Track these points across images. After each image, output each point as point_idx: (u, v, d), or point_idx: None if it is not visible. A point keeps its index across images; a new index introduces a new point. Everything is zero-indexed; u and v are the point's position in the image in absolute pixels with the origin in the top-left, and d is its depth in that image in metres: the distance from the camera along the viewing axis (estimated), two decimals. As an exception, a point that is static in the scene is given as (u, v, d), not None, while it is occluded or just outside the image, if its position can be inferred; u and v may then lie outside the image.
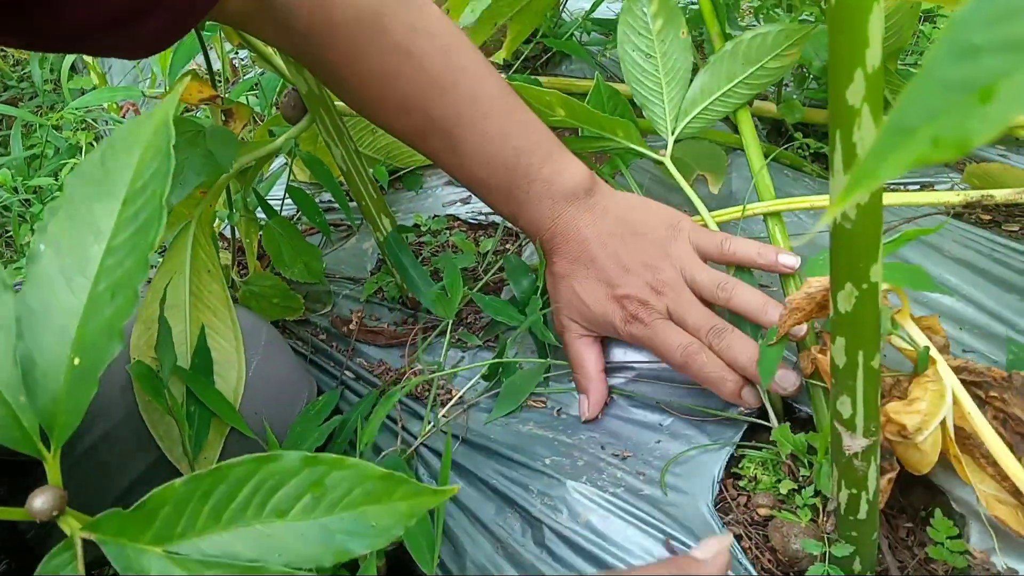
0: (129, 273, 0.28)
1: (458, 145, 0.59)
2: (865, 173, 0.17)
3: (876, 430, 0.41)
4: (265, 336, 0.65)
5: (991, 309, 0.61)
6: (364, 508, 0.26)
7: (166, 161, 0.29)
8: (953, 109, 0.16)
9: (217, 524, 0.26)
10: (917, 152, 0.16)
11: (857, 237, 0.36)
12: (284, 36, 0.58)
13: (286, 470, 0.26)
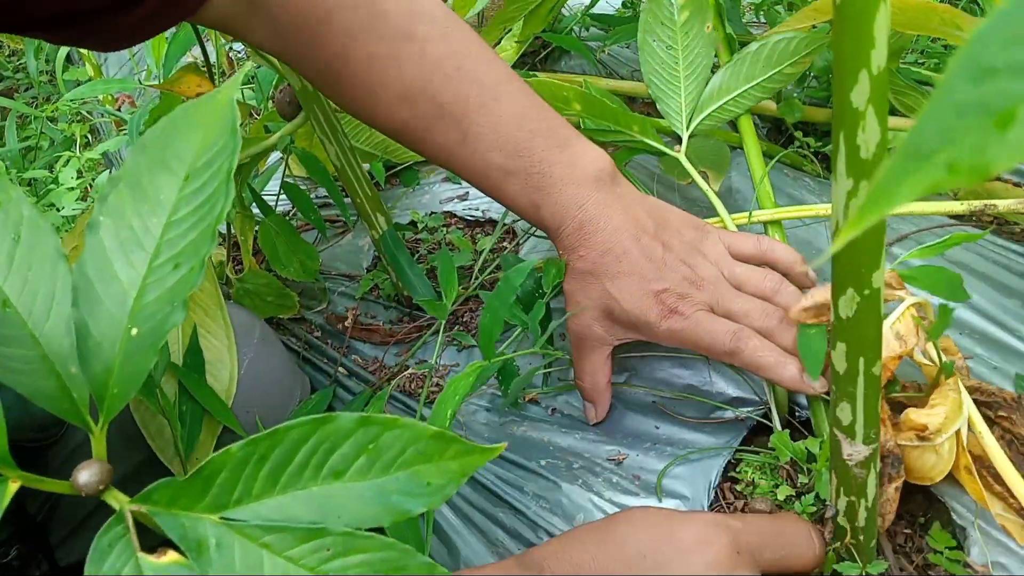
0: (195, 244, 0.28)
1: (469, 131, 0.55)
2: (879, 197, 0.16)
3: (876, 437, 0.41)
4: (258, 334, 0.64)
5: (991, 314, 0.61)
6: (417, 467, 0.26)
7: (232, 138, 0.29)
8: (969, 134, 0.15)
9: (274, 488, 0.26)
10: (932, 178, 0.16)
11: (859, 242, 0.36)
12: (275, 35, 0.56)
13: (341, 431, 0.26)
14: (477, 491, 0.57)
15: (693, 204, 0.76)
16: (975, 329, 0.60)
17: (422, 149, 0.58)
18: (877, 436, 0.41)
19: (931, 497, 0.51)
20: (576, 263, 0.56)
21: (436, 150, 0.57)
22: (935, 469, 0.49)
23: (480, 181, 0.58)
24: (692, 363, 0.60)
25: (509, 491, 0.55)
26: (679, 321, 0.53)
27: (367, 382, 0.70)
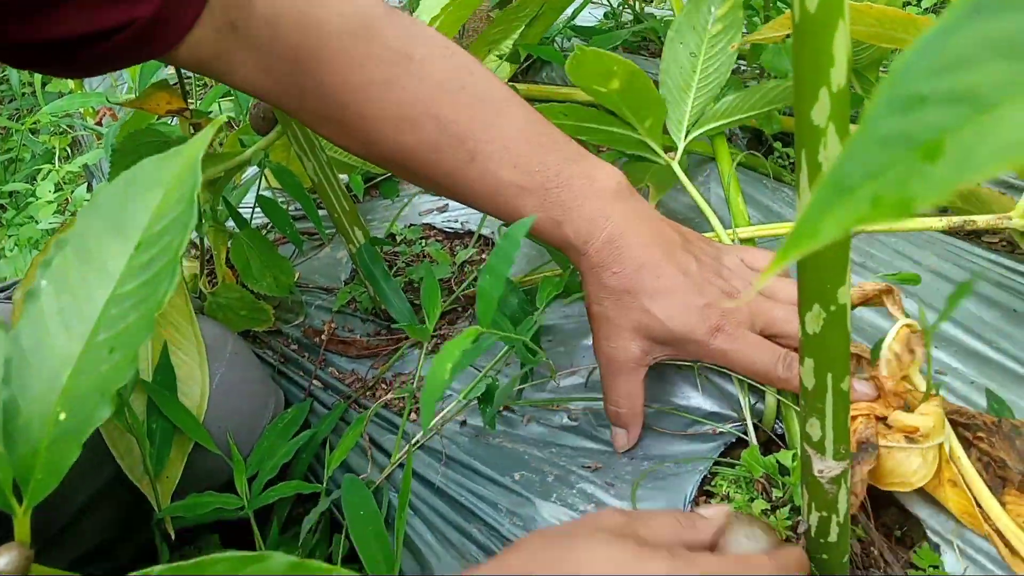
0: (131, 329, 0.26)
1: (477, 150, 0.53)
2: (803, 234, 0.16)
3: (846, 453, 0.41)
4: (231, 347, 0.64)
5: (970, 326, 0.61)
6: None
7: (188, 209, 0.27)
8: (894, 166, 0.15)
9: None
10: (856, 213, 0.15)
11: (824, 258, 0.35)
12: (264, 70, 0.53)
13: (271, 573, 0.24)
14: (451, 507, 0.56)
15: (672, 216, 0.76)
16: (953, 341, 0.60)
17: (429, 173, 0.55)
18: (847, 452, 0.41)
19: (906, 512, 0.51)
20: (609, 281, 0.53)
21: (443, 174, 0.55)
22: (917, 474, 0.48)
23: (491, 203, 0.55)
24: (669, 377, 0.59)
25: (483, 507, 0.55)
26: (728, 341, 0.52)
27: (343, 395, 0.69)
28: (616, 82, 0.63)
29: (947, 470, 0.49)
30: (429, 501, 0.58)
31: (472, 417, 0.63)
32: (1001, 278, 0.65)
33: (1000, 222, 0.56)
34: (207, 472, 0.61)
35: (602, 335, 0.55)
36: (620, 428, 0.56)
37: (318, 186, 0.71)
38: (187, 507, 0.56)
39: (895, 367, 0.49)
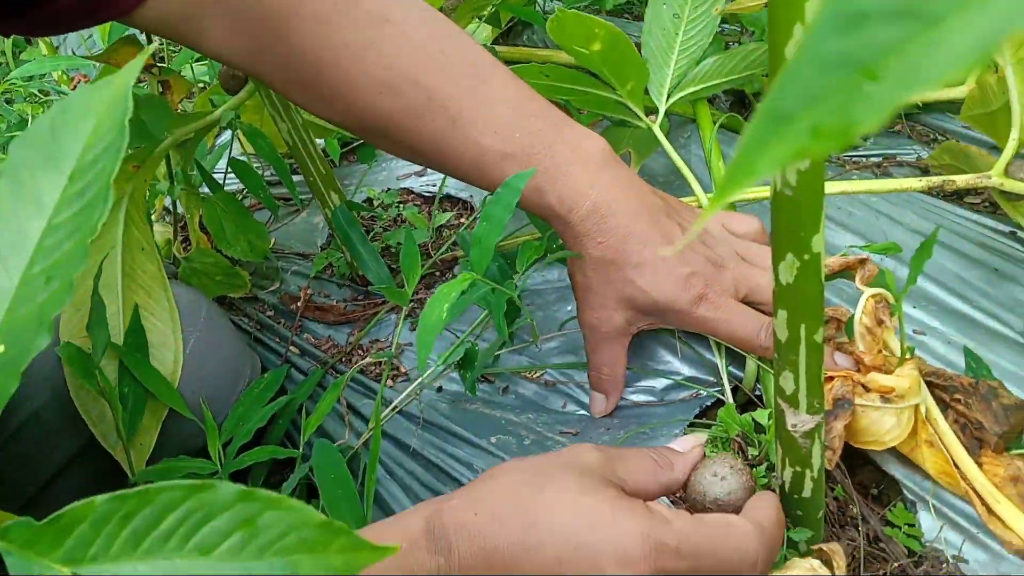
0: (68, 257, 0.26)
1: (460, 115, 0.52)
2: (740, 170, 0.14)
3: (820, 407, 0.40)
4: (205, 313, 0.63)
5: (950, 285, 0.60)
6: (296, 556, 0.24)
7: (120, 136, 0.27)
8: (835, 91, 0.14)
9: (134, 552, 0.24)
10: (795, 145, 0.14)
11: (798, 205, 0.35)
12: (237, 31, 0.52)
13: (218, 502, 0.24)
14: (426, 469, 0.56)
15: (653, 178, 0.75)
16: (933, 300, 0.59)
17: (409, 140, 0.54)
18: (821, 406, 0.40)
19: (882, 472, 0.51)
20: (594, 251, 0.52)
21: (424, 140, 0.53)
22: (891, 434, 0.48)
23: (473, 170, 0.54)
24: (648, 343, 0.59)
25: (458, 468, 0.54)
26: (711, 310, 0.51)
27: (320, 361, 0.68)
28: (598, 44, 0.62)
29: (924, 431, 0.49)
30: (405, 464, 0.58)
31: (449, 384, 0.63)
32: (983, 237, 0.64)
33: (979, 181, 0.55)
34: (182, 439, 0.60)
35: (586, 305, 0.54)
36: (600, 394, 0.56)
37: (293, 149, 0.69)
38: (160, 472, 0.56)
39: (869, 340, 0.48)
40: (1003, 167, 0.54)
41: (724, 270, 0.52)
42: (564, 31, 0.60)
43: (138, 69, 0.26)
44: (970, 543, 0.46)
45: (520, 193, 0.49)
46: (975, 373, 0.52)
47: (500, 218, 0.49)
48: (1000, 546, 0.46)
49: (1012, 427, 0.48)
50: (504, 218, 0.49)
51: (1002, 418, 0.48)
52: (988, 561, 0.46)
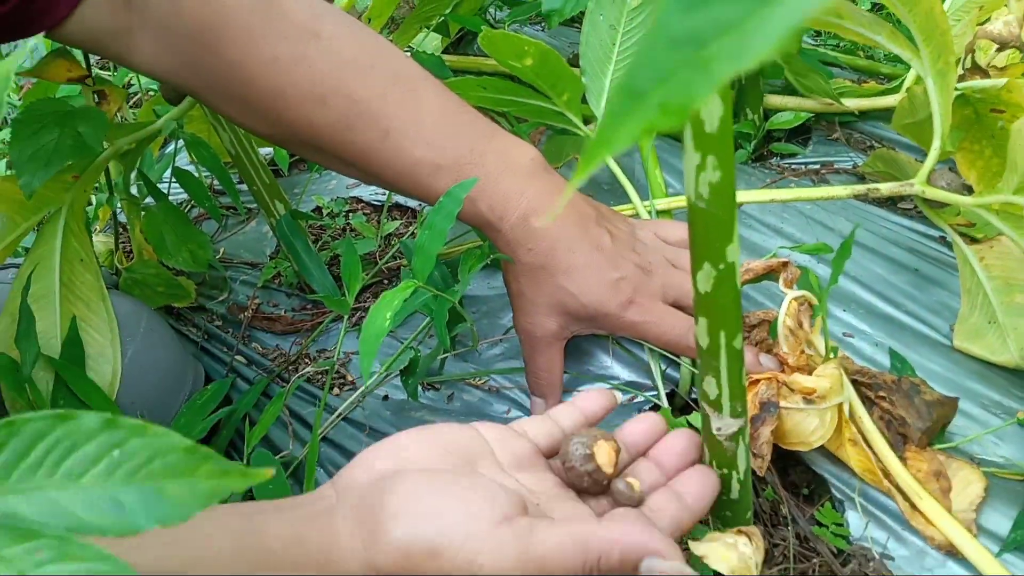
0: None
1: (391, 127, 0.52)
2: (600, 144, 0.15)
3: (743, 411, 0.41)
4: (144, 323, 0.62)
5: (878, 289, 0.62)
6: (163, 482, 0.24)
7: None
8: (681, 68, 0.14)
9: (4, 482, 0.24)
10: (646, 120, 0.15)
11: (712, 217, 0.36)
12: (165, 48, 0.52)
13: (84, 431, 0.25)
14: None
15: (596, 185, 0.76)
16: (861, 303, 0.61)
17: (342, 153, 0.54)
18: (744, 410, 0.41)
19: (812, 471, 0.52)
20: (524, 257, 0.53)
21: (356, 153, 0.53)
22: (815, 434, 0.49)
23: (406, 181, 0.54)
24: (587, 348, 0.59)
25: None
26: (640, 313, 0.52)
27: (267, 371, 0.68)
28: (529, 60, 0.63)
29: (847, 430, 0.50)
30: (348, 473, 0.58)
31: (394, 392, 0.63)
32: (912, 242, 0.67)
33: (903, 189, 0.57)
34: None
35: (520, 311, 0.55)
36: (539, 398, 0.57)
37: (235, 158, 0.69)
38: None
39: (793, 342, 0.50)
40: (926, 175, 0.56)
41: (653, 275, 0.53)
42: (495, 48, 0.62)
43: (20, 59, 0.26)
44: (895, 540, 0.48)
45: (462, 203, 0.50)
46: (899, 372, 0.54)
47: (441, 227, 0.50)
48: (924, 542, 0.47)
49: (934, 422, 0.50)
50: (446, 227, 0.50)
51: (924, 414, 0.50)
52: (912, 557, 0.47)
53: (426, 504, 0.35)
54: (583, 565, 0.34)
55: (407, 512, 0.34)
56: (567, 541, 0.34)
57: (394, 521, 0.34)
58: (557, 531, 0.34)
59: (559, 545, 0.34)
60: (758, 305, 0.60)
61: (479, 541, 0.33)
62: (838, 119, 0.84)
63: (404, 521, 0.34)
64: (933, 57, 0.55)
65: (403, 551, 0.33)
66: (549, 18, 0.72)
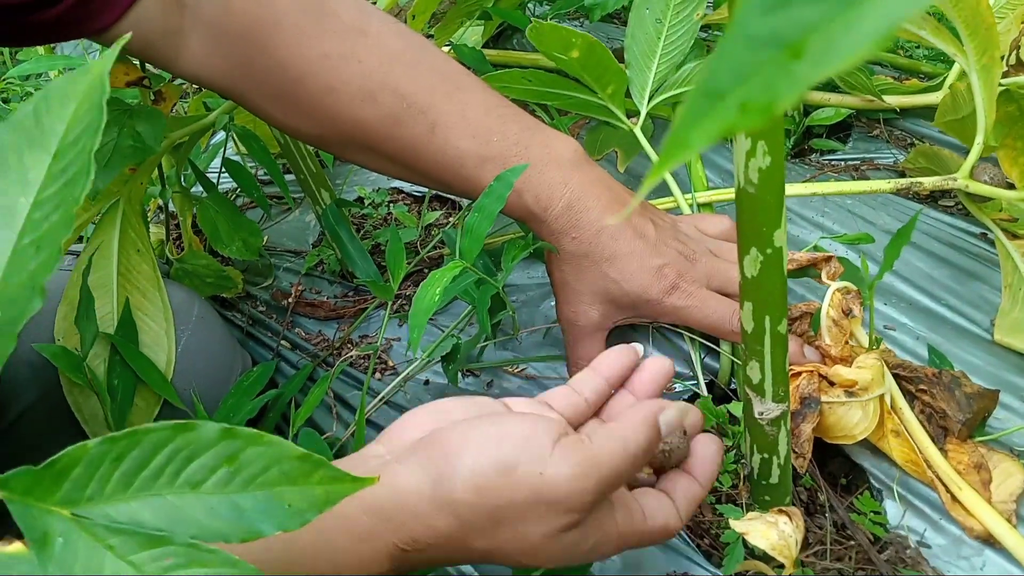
0: (54, 228, 0.27)
1: (438, 120, 0.53)
2: (677, 144, 0.16)
3: (785, 395, 0.42)
4: (197, 311, 0.64)
5: (919, 283, 0.62)
6: (279, 488, 0.25)
7: (98, 115, 0.28)
8: (762, 69, 0.15)
9: (127, 490, 0.25)
10: (725, 120, 0.15)
11: (760, 202, 0.37)
12: (215, 48, 0.53)
13: (202, 440, 0.26)
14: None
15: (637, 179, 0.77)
16: (903, 297, 0.61)
17: (389, 148, 0.55)
18: (786, 395, 0.42)
19: (851, 462, 0.53)
20: (568, 246, 0.54)
21: (403, 148, 0.55)
22: (859, 427, 0.50)
23: (453, 175, 0.55)
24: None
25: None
26: (683, 298, 0.53)
27: (311, 356, 0.70)
28: (576, 52, 0.64)
29: (890, 421, 0.50)
30: (392, 455, 0.59)
31: (435, 377, 0.64)
32: (953, 238, 0.66)
33: (945, 183, 0.57)
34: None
35: (563, 300, 0.56)
36: None
37: (284, 149, 0.71)
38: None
39: (836, 333, 0.50)
40: (968, 170, 0.56)
41: (696, 263, 0.54)
42: (543, 40, 0.63)
43: (113, 57, 0.28)
44: (932, 529, 0.48)
45: (512, 186, 0.51)
46: (938, 368, 0.54)
47: (492, 209, 0.51)
48: (960, 531, 0.48)
49: (975, 414, 0.50)
50: (495, 210, 0.51)
51: (965, 406, 0.50)
52: (949, 546, 0.48)
53: (487, 434, 0.36)
54: (627, 452, 0.36)
55: (472, 444, 0.36)
56: (609, 438, 0.36)
57: (459, 456, 0.36)
58: (599, 435, 0.37)
59: (607, 443, 0.36)
60: (799, 298, 0.60)
61: (542, 455, 0.35)
62: (879, 116, 0.84)
63: (470, 452, 0.36)
64: (978, 52, 0.55)
65: (475, 476, 0.35)
66: (592, 11, 0.73)
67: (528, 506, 0.35)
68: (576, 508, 0.35)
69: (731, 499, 0.50)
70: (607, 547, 0.38)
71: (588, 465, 0.35)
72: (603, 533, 0.37)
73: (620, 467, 0.36)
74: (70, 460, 0.25)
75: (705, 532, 0.49)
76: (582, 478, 0.35)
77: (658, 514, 0.39)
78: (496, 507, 0.35)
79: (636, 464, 0.37)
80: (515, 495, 0.35)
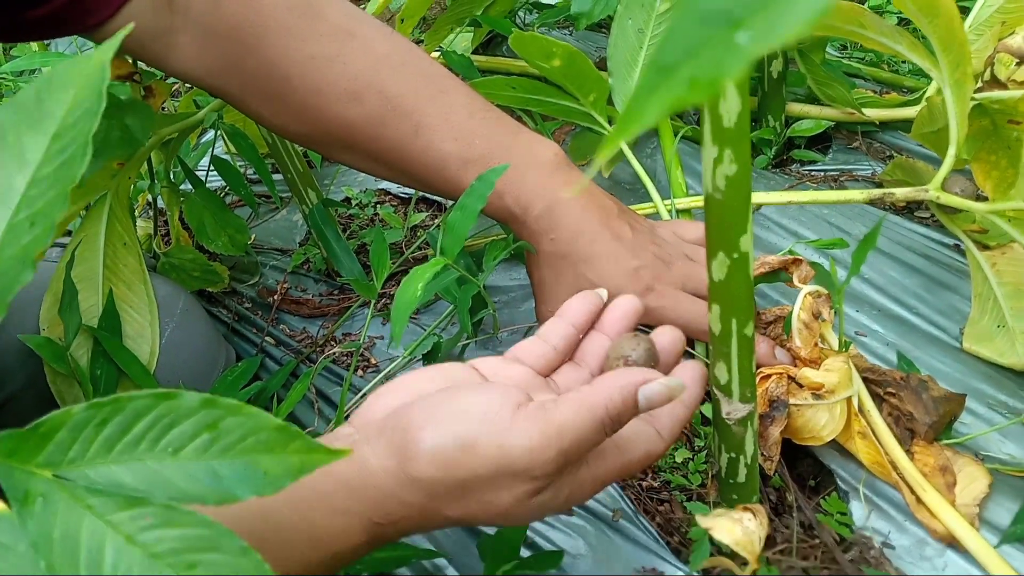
0: (50, 203, 0.28)
1: (422, 123, 0.54)
2: (631, 117, 0.16)
3: (752, 396, 0.43)
4: (182, 304, 0.65)
5: (892, 292, 0.64)
6: (256, 456, 0.26)
7: (97, 100, 0.29)
8: (710, 45, 0.15)
9: (109, 454, 0.26)
10: (675, 94, 0.15)
11: (727, 208, 0.38)
12: (204, 46, 0.54)
13: (184, 408, 0.26)
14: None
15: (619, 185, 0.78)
16: (875, 305, 0.62)
17: (374, 148, 0.56)
18: (753, 395, 0.43)
19: (820, 463, 0.54)
20: (547, 247, 0.55)
21: (387, 148, 0.56)
22: (826, 429, 0.51)
23: (434, 176, 0.56)
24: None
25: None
26: (657, 299, 0.54)
27: (295, 352, 0.70)
28: (557, 60, 0.66)
29: (856, 423, 0.52)
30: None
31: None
32: (926, 249, 0.68)
33: (918, 194, 0.58)
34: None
35: (541, 300, 0.57)
36: None
37: (272, 149, 0.72)
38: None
39: (806, 335, 0.51)
40: (940, 182, 0.58)
41: (672, 266, 0.55)
42: (524, 49, 0.64)
43: (115, 47, 0.29)
44: (897, 530, 0.49)
45: (493, 187, 0.52)
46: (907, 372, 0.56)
47: (473, 208, 0.52)
48: (924, 533, 0.49)
49: (941, 417, 0.51)
50: (476, 208, 0.52)
51: (932, 409, 0.51)
52: (912, 547, 0.49)
53: (447, 411, 0.37)
54: (594, 419, 0.36)
55: (432, 421, 0.36)
56: (575, 405, 0.36)
57: (422, 432, 0.36)
58: (565, 400, 0.37)
59: (572, 411, 0.36)
60: (774, 303, 0.62)
61: (503, 427, 0.35)
62: (859, 129, 0.85)
63: (432, 429, 0.36)
64: (951, 67, 0.57)
65: (437, 453, 0.36)
66: (577, 21, 0.74)
67: (492, 478, 0.36)
68: (540, 476, 0.36)
69: (700, 498, 0.51)
70: (583, 493, 0.38)
71: (549, 435, 0.35)
72: (576, 484, 0.38)
73: (585, 435, 0.36)
74: (54, 423, 0.26)
75: (675, 530, 0.50)
76: (543, 449, 0.35)
77: (638, 444, 0.39)
78: (462, 480, 0.36)
79: (604, 431, 0.37)
80: (479, 469, 0.35)
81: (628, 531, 0.50)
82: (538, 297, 0.57)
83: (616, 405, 0.36)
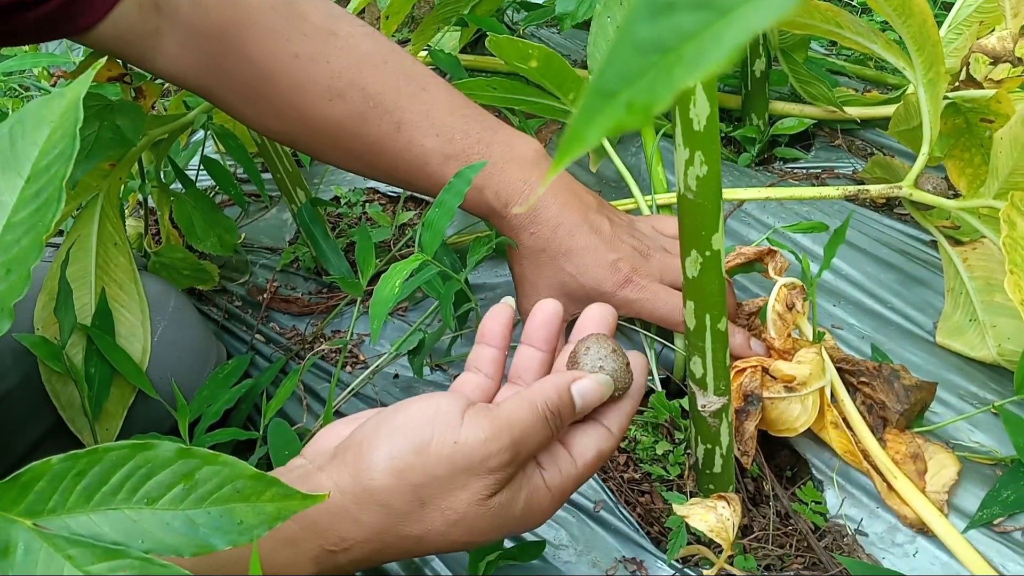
0: (25, 252, 0.28)
1: (403, 119, 0.56)
2: (572, 139, 0.17)
3: (726, 389, 0.45)
4: (173, 303, 0.66)
5: (867, 287, 0.65)
6: (232, 505, 0.27)
7: (71, 144, 0.29)
8: (646, 73, 0.16)
9: (87, 504, 0.27)
10: (614, 118, 0.16)
11: (699, 207, 0.39)
12: (190, 46, 0.55)
13: (160, 459, 0.27)
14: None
15: (603, 181, 0.79)
16: (851, 299, 0.64)
17: (356, 146, 0.57)
18: (727, 388, 0.45)
19: (796, 454, 0.55)
20: (527, 241, 0.56)
21: (369, 145, 0.57)
22: (799, 420, 0.53)
23: (417, 172, 0.57)
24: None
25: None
26: (636, 291, 0.55)
27: (284, 349, 0.72)
28: (534, 62, 0.67)
29: (829, 413, 0.53)
30: (359, 446, 0.61)
31: (404, 371, 0.67)
32: (902, 245, 0.69)
33: (891, 191, 0.60)
34: (148, 425, 0.63)
35: (522, 294, 0.59)
36: None
37: (261, 148, 0.73)
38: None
39: (780, 326, 0.53)
40: (913, 179, 0.59)
41: (650, 259, 0.56)
42: (502, 51, 0.65)
43: (88, 82, 0.29)
44: (869, 517, 0.51)
45: (471, 183, 0.53)
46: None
47: (451, 204, 0.53)
48: (895, 519, 0.50)
49: (913, 405, 0.53)
50: (454, 204, 0.53)
51: (903, 397, 0.53)
52: (884, 533, 0.50)
53: (399, 421, 0.38)
54: (536, 413, 0.38)
55: (385, 432, 0.37)
56: (518, 401, 0.38)
57: (376, 441, 0.37)
58: (508, 400, 0.38)
59: (516, 405, 0.38)
60: (754, 295, 0.63)
61: (455, 426, 0.37)
62: (840, 126, 0.87)
63: (385, 438, 0.37)
64: (925, 67, 0.58)
65: (393, 459, 0.36)
66: (562, 21, 0.75)
67: (448, 477, 0.36)
68: (495, 468, 0.36)
69: (680, 488, 0.52)
70: (542, 506, 0.39)
71: (499, 426, 0.37)
72: (532, 489, 0.38)
73: (531, 428, 0.37)
74: (35, 474, 0.27)
75: (655, 520, 0.52)
76: (495, 439, 0.36)
77: (589, 448, 0.40)
78: (418, 485, 0.36)
79: (548, 424, 0.38)
80: (434, 469, 0.36)
81: (609, 522, 0.51)
82: (519, 291, 0.59)
83: (554, 401, 0.38)
